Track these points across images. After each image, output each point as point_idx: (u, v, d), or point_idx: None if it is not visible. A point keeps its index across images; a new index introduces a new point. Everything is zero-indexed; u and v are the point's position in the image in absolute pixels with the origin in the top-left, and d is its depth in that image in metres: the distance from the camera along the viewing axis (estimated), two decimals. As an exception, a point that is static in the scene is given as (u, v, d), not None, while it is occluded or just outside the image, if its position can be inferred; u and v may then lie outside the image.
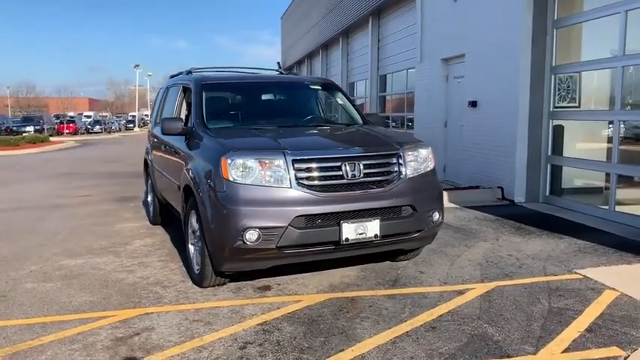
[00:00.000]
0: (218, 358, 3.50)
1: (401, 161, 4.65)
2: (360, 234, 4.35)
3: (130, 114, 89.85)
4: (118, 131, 59.17)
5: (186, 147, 5.24)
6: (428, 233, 4.89)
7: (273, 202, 4.20)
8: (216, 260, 4.43)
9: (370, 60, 16.58)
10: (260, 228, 4.16)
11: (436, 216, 4.81)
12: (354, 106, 6.18)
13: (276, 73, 6.86)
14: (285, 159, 4.28)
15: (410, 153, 4.76)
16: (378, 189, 4.49)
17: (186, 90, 6.04)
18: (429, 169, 4.90)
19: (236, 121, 5.63)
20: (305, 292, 4.68)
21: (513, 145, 8.75)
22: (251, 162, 4.25)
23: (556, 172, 8.77)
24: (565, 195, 8.69)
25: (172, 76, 7.27)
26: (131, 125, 70.72)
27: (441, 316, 4.14)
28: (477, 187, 9.51)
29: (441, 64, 11.45)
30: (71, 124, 50.82)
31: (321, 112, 6.19)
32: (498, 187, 9.15)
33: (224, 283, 4.80)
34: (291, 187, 4.24)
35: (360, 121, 5.97)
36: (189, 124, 5.38)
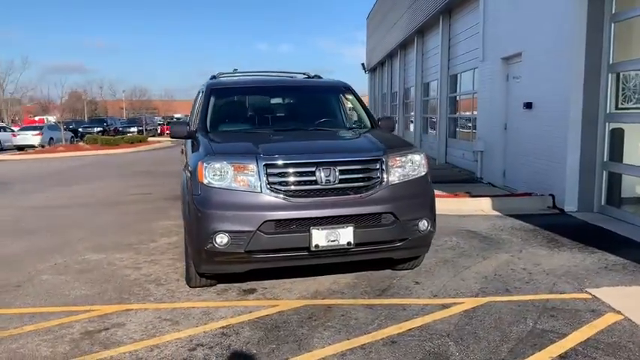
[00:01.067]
0: (166, 357, 3.58)
1: (383, 167, 4.48)
2: (331, 241, 4.26)
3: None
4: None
5: (190, 150, 5.41)
6: (416, 243, 4.68)
7: (243, 206, 4.22)
8: (194, 262, 4.54)
9: (440, 59, 16.10)
10: (229, 232, 4.20)
11: (423, 225, 4.59)
12: (365, 109, 6.04)
13: (303, 76, 6.86)
14: (257, 163, 4.29)
15: (395, 159, 4.58)
16: (355, 195, 4.37)
17: (200, 94, 6.23)
18: (418, 175, 4.69)
19: (240, 125, 5.72)
20: (286, 298, 4.66)
21: (563, 150, 8.13)
22: (225, 166, 4.30)
23: (614, 180, 8.02)
24: (625, 205, 7.94)
25: None
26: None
27: (409, 330, 3.95)
28: (529, 194, 8.95)
29: (501, 64, 10.88)
30: (174, 126, 53.79)
31: (330, 115, 6.11)
32: (550, 195, 8.55)
33: (212, 285, 4.89)
34: (261, 192, 4.25)
35: (368, 125, 5.83)
36: (193, 128, 5.54)
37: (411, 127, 21.34)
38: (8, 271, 5.64)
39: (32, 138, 31.50)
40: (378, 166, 4.49)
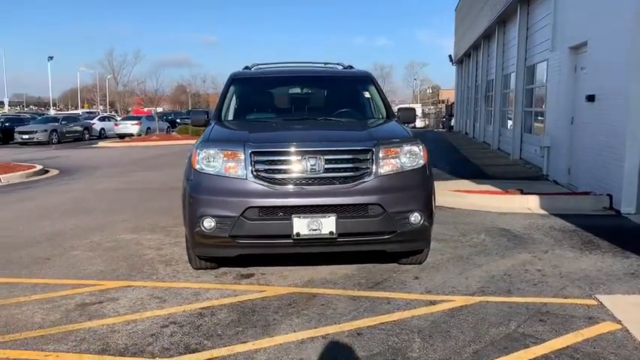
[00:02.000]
0: (136, 332, 3.78)
1: (372, 158, 4.40)
2: (313, 230, 4.26)
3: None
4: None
5: None
6: (409, 236, 4.55)
7: (230, 192, 4.33)
8: (190, 244, 4.72)
9: (517, 50, 15.32)
10: (215, 217, 4.32)
11: (415, 218, 4.46)
12: (383, 100, 5.91)
13: (340, 67, 6.81)
14: (245, 151, 4.37)
15: (389, 150, 4.48)
16: (341, 185, 4.33)
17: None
18: (414, 167, 4.55)
19: (253, 114, 5.84)
20: (277, 284, 4.72)
21: (622, 146, 7.49)
22: (216, 153, 4.42)
23: (680, 181, 7.30)
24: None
25: None
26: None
27: (382, 323, 3.88)
28: (587, 194, 8.36)
29: (569, 53, 10.19)
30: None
31: (345, 105, 6.05)
32: (607, 195, 7.93)
33: (212, 267, 5.05)
34: (247, 179, 4.33)
35: (384, 116, 5.72)
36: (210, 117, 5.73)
37: (492, 120, 20.48)
38: (48, 246, 6.16)
39: (131, 127, 33.80)
40: (367, 157, 4.41)
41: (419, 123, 52.56)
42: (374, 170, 4.39)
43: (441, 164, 15.09)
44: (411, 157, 4.55)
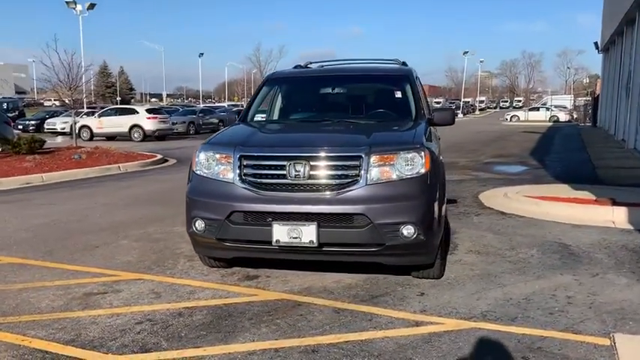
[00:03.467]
0: (111, 326, 3.96)
1: (362, 165, 4.15)
2: (293, 238, 4.13)
3: (466, 99, 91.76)
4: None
5: None
6: (403, 250, 4.24)
7: (218, 195, 4.36)
8: (192, 243, 4.84)
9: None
10: (205, 219, 4.38)
11: (408, 231, 4.13)
12: (416, 100, 5.52)
13: (396, 66, 6.48)
14: (234, 154, 4.36)
15: (383, 157, 4.19)
16: (325, 193, 4.15)
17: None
18: (412, 176, 4.21)
19: (280, 115, 5.79)
20: (273, 289, 4.66)
21: None
22: (211, 156, 4.47)
23: None
24: None
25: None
26: (458, 111, 72.32)
27: (346, 342, 3.67)
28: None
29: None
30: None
31: (378, 105, 5.76)
32: None
33: (224, 266, 5.13)
34: (234, 183, 4.32)
35: (414, 117, 5.35)
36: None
37: (629, 115, 18.26)
38: (105, 235, 6.69)
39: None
40: (355, 163, 4.17)
41: (563, 117, 48.49)
42: (363, 178, 4.14)
43: (552, 165, 13.90)
44: (408, 164, 4.22)
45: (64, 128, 31.04)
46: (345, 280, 4.86)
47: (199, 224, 4.41)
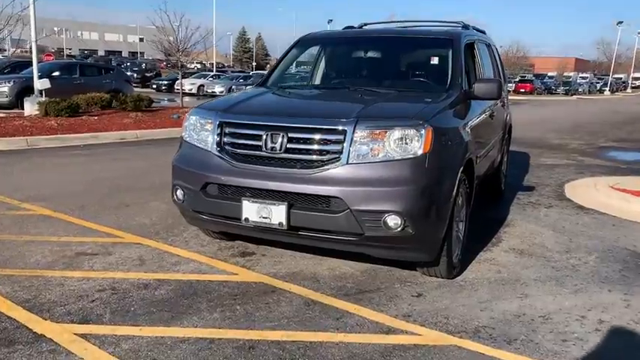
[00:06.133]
0: (73, 290, 3.82)
1: (345, 140, 3.55)
2: (263, 217, 3.68)
3: (618, 75, 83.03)
4: (582, 94, 55.98)
5: None
6: (388, 243, 3.62)
7: (197, 164, 4.01)
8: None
9: None
10: (183, 188, 4.08)
11: (393, 221, 3.49)
12: (453, 68, 4.66)
13: (445, 29, 5.69)
14: (215, 120, 3.97)
15: (369, 132, 3.55)
16: (300, 170, 3.62)
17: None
18: (405, 157, 3.53)
19: (312, 79, 5.31)
20: (259, 270, 4.28)
21: None
22: (196, 121, 4.13)
23: None
24: None
25: None
26: (605, 88, 65.65)
27: (293, 342, 3.21)
28: None
29: None
30: (527, 84, 51.43)
31: (412, 72, 5.01)
32: None
33: (220, 238, 4.85)
34: (211, 152, 3.95)
35: (446, 87, 4.55)
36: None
37: None
38: (144, 194, 6.68)
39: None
40: (338, 138, 3.59)
41: None
42: (346, 155, 3.55)
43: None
44: (402, 143, 3.55)
45: (191, 89, 32.94)
46: (342, 268, 4.34)
47: (180, 193, 4.12)
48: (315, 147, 3.63)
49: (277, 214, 3.63)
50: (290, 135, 3.67)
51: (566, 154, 11.52)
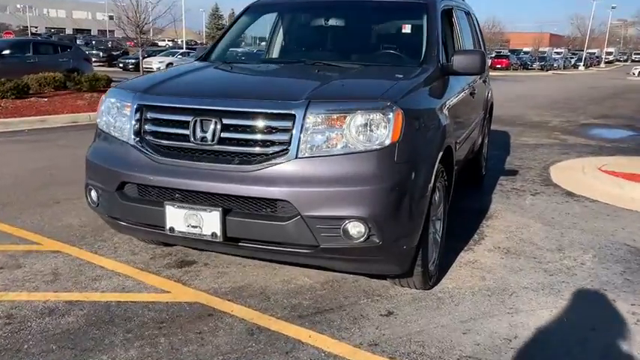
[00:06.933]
0: (-40, 320, 3.07)
1: (294, 127, 2.80)
2: (192, 226, 2.92)
3: (591, 50, 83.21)
4: (558, 69, 56.13)
5: None
6: (352, 256, 2.91)
7: (112, 158, 3.22)
8: None
9: None
10: (97, 188, 3.30)
11: (356, 230, 2.77)
12: (429, 38, 3.92)
13: None
14: (132, 103, 3.18)
15: (324, 117, 2.81)
16: (239, 166, 2.86)
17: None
18: (370, 148, 2.80)
19: (264, 54, 4.52)
20: (196, 286, 3.53)
21: None
22: (112, 104, 3.32)
23: None
24: None
25: None
26: (579, 63, 65.82)
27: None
28: None
29: None
30: (504, 59, 51.02)
31: (380, 43, 4.27)
32: None
33: (157, 244, 4.10)
34: (128, 142, 3.16)
35: (420, 61, 3.81)
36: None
37: None
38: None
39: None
40: (286, 125, 2.84)
41: None
42: (295, 147, 2.80)
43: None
44: (365, 130, 2.81)
45: (159, 68, 31.66)
46: (299, 280, 3.63)
47: (94, 195, 3.35)
48: (257, 137, 2.87)
49: (209, 223, 2.87)
50: (225, 121, 2.90)
51: (547, 132, 10.93)
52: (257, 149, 2.86)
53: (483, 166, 6.34)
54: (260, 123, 2.87)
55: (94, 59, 30.94)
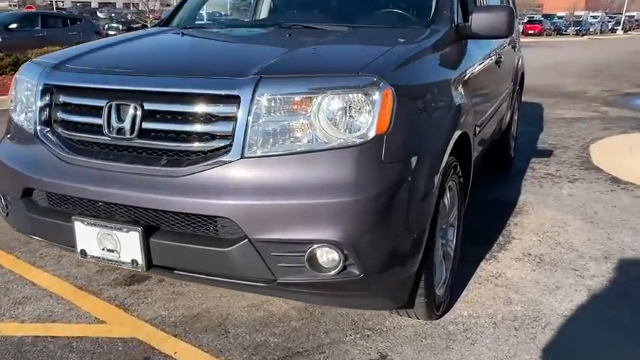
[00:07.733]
0: None
1: (240, 113, 1.99)
2: (107, 250, 2.16)
3: (630, 13, 79.58)
4: (594, 34, 53.45)
5: None
6: (327, 290, 2.13)
7: (16, 156, 2.47)
8: None
9: None
10: (4, 194, 2.55)
11: (327, 257, 1.98)
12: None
13: None
14: (38, 82, 2.40)
15: (275, 98, 1.98)
16: (165, 168, 2.07)
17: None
18: (342, 145, 1.98)
19: (223, 17, 3.67)
20: (142, 315, 2.81)
21: None
22: (23, 84, 2.55)
23: None
24: None
25: None
26: (617, 27, 62.81)
27: None
28: None
29: None
30: (536, 25, 48.65)
31: (382, 1, 3.39)
32: None
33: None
34: (34, 135, 2.39)
35: (429, 21, 2.94)
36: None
37: None
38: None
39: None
40: (228, 111, 2.02)
41: None
42: (240, 142, 1.99)
43: None
44: (341, 118, 1.99)
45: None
46: (271, 305, 2.86)
47: (3, 201, 2.59)
48: (189, 128, 2.06)
49: (128, 247, 2.11)
50: (147, 107, 2.10)
51: (586, 103, 9.83)
52: (190, 145, 2.06)
53: (512, 147, 5.44)
54: (193, 108, 2.06)
55: (113, 32, 30.34)
